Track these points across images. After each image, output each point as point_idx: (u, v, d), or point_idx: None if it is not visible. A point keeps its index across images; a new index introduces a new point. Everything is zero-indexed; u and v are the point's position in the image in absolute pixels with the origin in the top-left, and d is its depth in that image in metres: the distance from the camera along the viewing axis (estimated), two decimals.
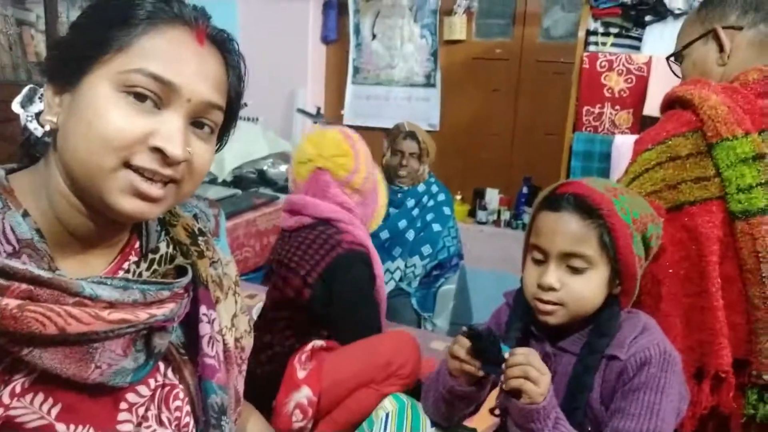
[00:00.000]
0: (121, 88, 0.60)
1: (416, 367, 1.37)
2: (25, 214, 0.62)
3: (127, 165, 0.61)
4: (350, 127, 1.67)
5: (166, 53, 0.62)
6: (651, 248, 0.96)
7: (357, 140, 1.54)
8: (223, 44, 0.69)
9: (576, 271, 0.91)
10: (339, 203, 1.49)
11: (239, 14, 3.67)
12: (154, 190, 0.63)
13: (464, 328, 0.92)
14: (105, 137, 0.59)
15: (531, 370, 0.85)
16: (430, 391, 1.03)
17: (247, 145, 3.16)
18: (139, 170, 0.61)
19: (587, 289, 0.91)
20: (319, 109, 3.37)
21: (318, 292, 1.41)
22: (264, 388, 1.35)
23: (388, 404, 1.07)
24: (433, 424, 1.05)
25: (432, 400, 1.02)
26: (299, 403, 1.31)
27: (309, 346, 1.39)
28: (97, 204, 0.63)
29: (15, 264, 0.55)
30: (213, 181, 3.02)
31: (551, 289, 0.91)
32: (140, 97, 0.61)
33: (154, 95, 0.61)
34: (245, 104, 4.00)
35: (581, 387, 0.91)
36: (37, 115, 0.66)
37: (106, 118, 0.59)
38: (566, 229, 0.91)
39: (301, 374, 1.33)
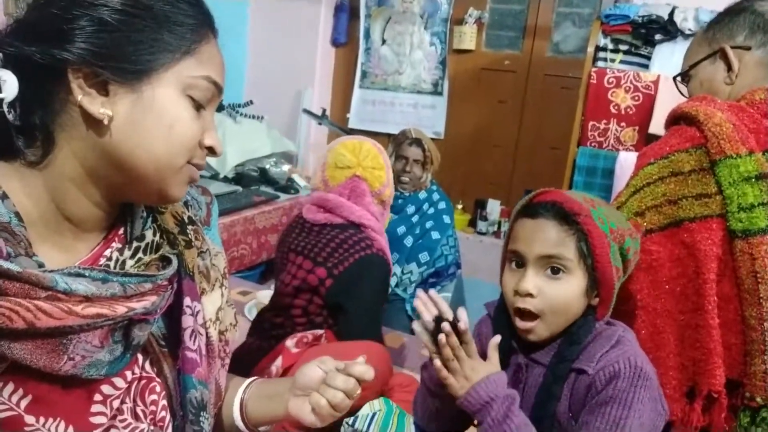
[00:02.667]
0: (186, 90, 0.65)
1: (382, 378, 1.31)
2: (4, 197, 0.61)
3: (188, 161, 0.68)
4: (355, 131, 1.71)
5: (216, 59, 0.69)
6: (629, 261, 0.94)
7: (386, 156, 1.63)
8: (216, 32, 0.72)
9: (554, 276, 0.89)
10: (371, 212, 1.57)
11: (250, 13, 3.68)
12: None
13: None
14: (184, 140, 0.66)
15: (461, 354, 0.84)
16: (419, 397, 1.00)
17: (250, 143, 3.14)
18: (194, 164, 0.69)
19: (565, 296, 0.88)
20: (324, 110, 3.36)
21: (339, 284, 1.46)
22: (254, 356, 1.41)
23: (377, 404, 1.05)
24: None
25: (420, 403, 0.99)
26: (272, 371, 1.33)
27: (310, 333, 1.41)
28: (146, 192, 0.68)
29: None
30: (214, 176, 3.01)
31: (528, 295, 0.88)
32: (195, 101, 0.66)
33: (205, 99, 0.67)
34: (251, 102, 3.96)
35: (549, 396, 0.89)
36: (12, 104, 0.61)
37: (184, 122, 0.65)
38: (544, 234, 0.89)
39: (289, 348, 1.36)
